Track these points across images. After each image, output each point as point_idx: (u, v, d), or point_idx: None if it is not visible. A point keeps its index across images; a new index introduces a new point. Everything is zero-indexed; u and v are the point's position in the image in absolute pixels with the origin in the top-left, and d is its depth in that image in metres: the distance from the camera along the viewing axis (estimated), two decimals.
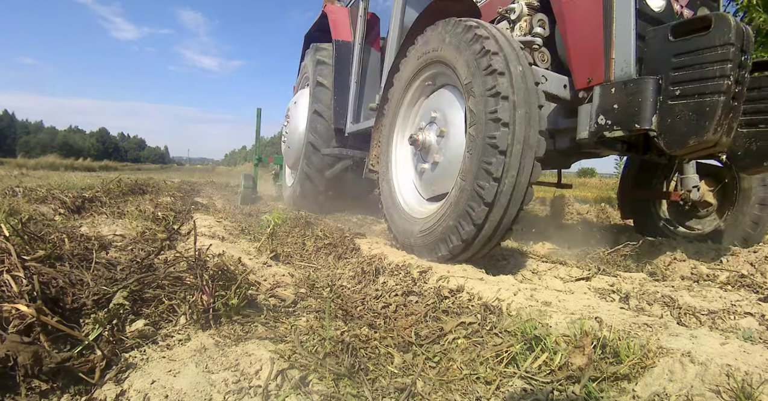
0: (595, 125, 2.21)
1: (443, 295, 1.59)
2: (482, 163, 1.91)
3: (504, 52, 1.99)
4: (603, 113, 2.18)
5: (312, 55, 5.10)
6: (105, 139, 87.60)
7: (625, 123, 2.09)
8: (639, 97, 2.04)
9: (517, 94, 1.91)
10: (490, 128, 1.90)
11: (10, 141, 64.67)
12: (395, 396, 0.97)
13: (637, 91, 2.05)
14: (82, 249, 1.71)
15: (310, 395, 0.93)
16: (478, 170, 1.93)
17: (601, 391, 0.98)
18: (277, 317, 1.38)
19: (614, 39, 2.22)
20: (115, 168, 30.76)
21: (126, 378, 0.97)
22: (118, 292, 1.28)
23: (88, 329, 1.12)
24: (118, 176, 5.96)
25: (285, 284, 1.80)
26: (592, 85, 2.28)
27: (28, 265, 1.26)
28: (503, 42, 2.05)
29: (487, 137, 1.90)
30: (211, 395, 0.92)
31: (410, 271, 1.96)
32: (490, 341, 1.20)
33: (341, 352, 1.10)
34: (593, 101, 2.23)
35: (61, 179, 6.66)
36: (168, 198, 4.79)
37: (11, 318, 0.99)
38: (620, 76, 2.18)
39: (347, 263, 2.31)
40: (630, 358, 1.03)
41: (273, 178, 7.45)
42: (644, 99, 2.02)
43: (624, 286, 1.96)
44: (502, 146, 1.86)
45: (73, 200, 3.35)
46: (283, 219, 3.34)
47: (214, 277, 1.34)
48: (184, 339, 1.18)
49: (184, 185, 8.53)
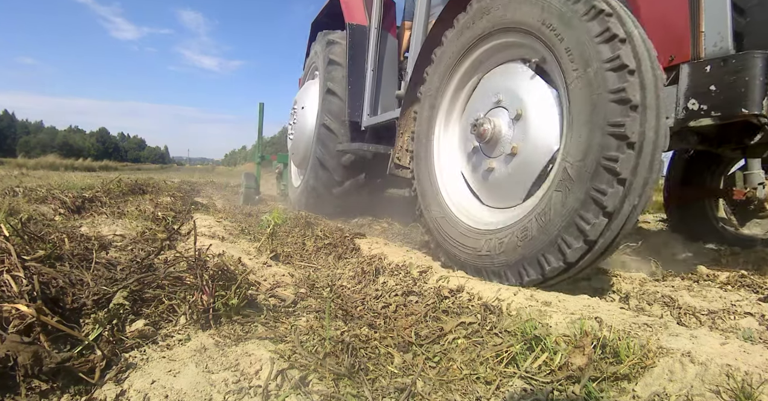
0: (683, 111, 1.80)
1: (443, 295, 1.59)
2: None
3: (617, 12, 1.58)
4: (695, 97, 1.78)
5: (322, 44, 4.67)
6: (105, 139, 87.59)
7: (725, 108, 1.70)
8: (745, 77, 1.66)
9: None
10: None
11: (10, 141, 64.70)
12: (395, 396, 0.97)
13: (743, 69, 1.66)
14: (82, 249, 1.71)
15: (310, 395, 0.93)
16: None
17: (601, 391, 0.98)
18: (277, 317, 1.38)
19: (703, 10, 1.83)
20: (115, 168, 30.77)
21: (126, 378, 0.97)
22: (118, 292, 1.28)
23: (88, 329, 1.12)
24: (118, 176, 5.96)
25: (285, 284, 1.80)
26: (676, 64, 1.88)
27: (28, 265, 1.26)
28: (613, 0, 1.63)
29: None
30: (211, 395, 0.92)
31: (410, 271, 1.96)
32: (490, 341, 1.20)
33: (341, 352, 1.10)
34: (679, 83, 1.84)
35: (61, 179, 6.66)
36: (168, 198, 4.79)
37: (11, 318, 0.99)
38: (714, 52, 1.80)
39: (347, 263, 2.31)
40: (630, 358, 1.03)
41: (276, 177, 7.15)
42: (752, 78, 1.64)
43: (624, 286, 1.96)
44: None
45: (73, 200, 3.34)
46: (283, 219, 3.34)
47: (214, 277, 1.34)
48: (184, 339, 1.18)
49: (184, 185, 8.52)
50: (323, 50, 4.55)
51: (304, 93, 5.03)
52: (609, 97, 1.51)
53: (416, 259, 2.20)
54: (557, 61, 1.74)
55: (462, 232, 2.05)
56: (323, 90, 4.35)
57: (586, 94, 1.59)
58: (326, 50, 4.47)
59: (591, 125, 1.55)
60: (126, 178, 6.05)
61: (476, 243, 1.93)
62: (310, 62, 5.32)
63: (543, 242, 1.64)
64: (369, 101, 4.04)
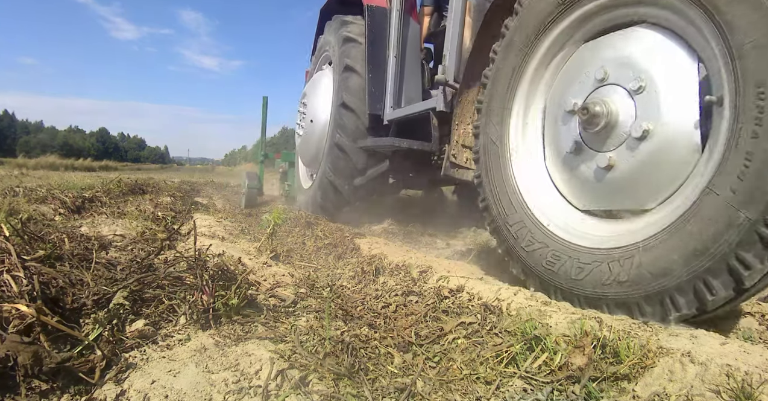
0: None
1: (443, 295, 1.59)
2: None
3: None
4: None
5: (335, 27, 4.26)
6: (105, 139, 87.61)
7: None
8: None
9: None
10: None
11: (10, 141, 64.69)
12: (395, 396, 0.97)
13: None
14: (82, 249, 1.72)
15: (310, 395, 0.93)
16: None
17: (601, 391, 0.98)
18: (277, 317, 1.38)
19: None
20: (115, 168, 30.75)
21: (126, 378, 0.97)
22: (118, 292, 1.28)
23: (88, 329, 1.12)
24: (118, 176, 5.96)
25: (285, 284, 1.80)
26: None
27: (28, 265, 1.26)
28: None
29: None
30: (211, 395, 0.92)
31: (410, 271, 1.96)
32: (490, 341, 1.20)
33: (341, 352, 1.10)
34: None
35: (61, 179, 6.66)
36: (168, 198, 4.79)
37: (11, 318, 0.99)
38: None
39: (347, 263, 2.31)
40: (630, 358, 1.03)
41: (280, 177, 6.65)
42: None
43: None
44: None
45: (73, 200, 3.35)
46: (283, 219, 3.34)
47: (214, 277, 1.34)
48: (184, 339, 1.18)
49: (184, 185, 8.52)
50: (337, 31, 4.13)
51: (314, 85, 4.59)
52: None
53: (416, 259, 2.20)
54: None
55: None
56: (340, 67, 3.93)
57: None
58: (341, 30, 4.05)
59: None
60: (126, 178, 6.05)
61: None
62: (319, 52, 4.91)
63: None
64: (392, 92, 3.59)
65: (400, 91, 3.61)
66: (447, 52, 2.74)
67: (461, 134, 2.39)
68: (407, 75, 3.62)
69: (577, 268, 1.52)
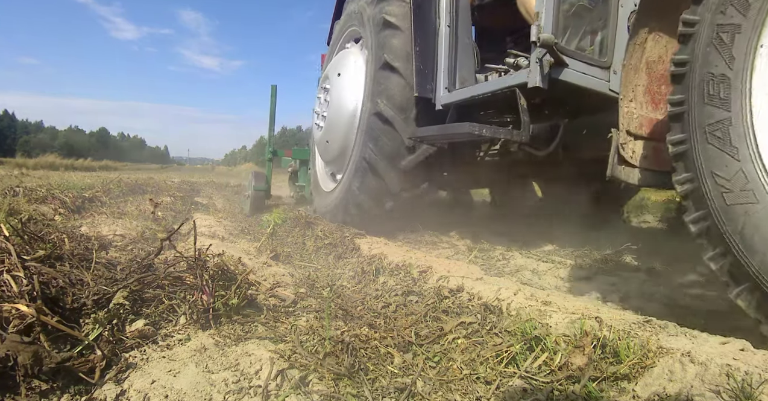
0: None
1: (443, 295, 1.59)
2: None
3: None
4: None
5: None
6: (105, 139, 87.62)
7: None
8: None
9: None
10: None
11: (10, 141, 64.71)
12: (395, 396, 0.97)
13: None
14: (82, 249, 1.71)
15: (310, 395, 0.93)
16: None
17: (601, 391, 0.98)
18: (277, 317, 1.38)
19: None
20: (115, 168, 30.75)
21: (126, 378, 0.97)
22: (118, 292, 1.28)
23: (88, 329, 1.12)
24: (118, 176, 5.96)
25: (285, 284, 1.80)
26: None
27: (28, 265, 1.26)
28: None
29: None
30: (211, 395, 0.92)
31: (410, 271, 1.96)
32: (490, 341, 1.20)
33: (341, 352, 1.10)
34: None
35: (61, 179, 6.65)
36: (168, 198, 4.79)
37: (11, 317, 0.99)
38: None
39: (347, 263, 2.31)
40: (630, 358, 1.03)
41: (290, 177, 6.07)
42: None
43: (624, 286, 1.96)
44: None
45: (73, 200, 3.35)
46: (283, 219, 3.34)
47: (214, 277, 1.34)
48: (184, 339, 1.18)
49: (184, 185, 8.52)
50: (373, 8, 3.33)
51: (339, 63, 3.79)
52: None
53: (416, 259, 2.20)
54: None
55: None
56: (376, 64, 3.11)
57: None
58: (377, 8, 3.25)
59: None
60: (126, 178, 6.05)
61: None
62: (346, 25, 4.03)
63: None
64: (447, 71, 2.88)
65: (454, 69, 2.89)
66: (542, 7, 2.15)
67: (625, 116, 1.67)
68: (461, 51, 2.90)
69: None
